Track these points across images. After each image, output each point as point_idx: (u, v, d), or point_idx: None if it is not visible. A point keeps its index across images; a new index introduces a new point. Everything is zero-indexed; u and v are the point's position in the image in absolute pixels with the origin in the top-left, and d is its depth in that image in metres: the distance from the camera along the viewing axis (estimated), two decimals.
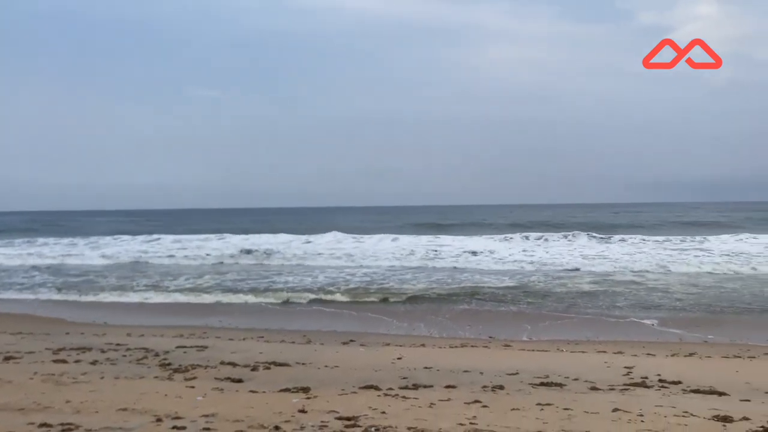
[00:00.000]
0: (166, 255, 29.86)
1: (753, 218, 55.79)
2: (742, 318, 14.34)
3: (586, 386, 7.47)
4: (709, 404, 6.42)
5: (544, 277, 21.24)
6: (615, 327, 13.47)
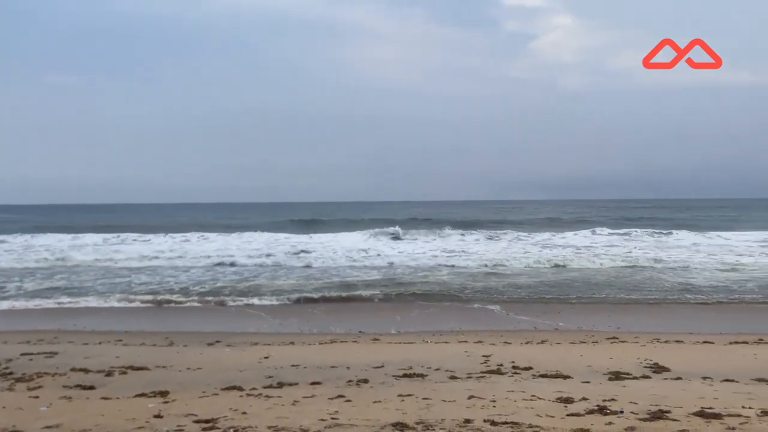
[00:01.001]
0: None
1: (610, 216, 60.98)
2: (589, 307, 15.62)
3: (446, 375, 7.79)
4: (555, 387, 6.92)
5: (410, 270, 22.02)
6: (473, 316, 14.27)
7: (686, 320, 13.56)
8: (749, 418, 5.42)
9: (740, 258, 24.41)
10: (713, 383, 7.22)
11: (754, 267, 21.90)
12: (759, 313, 14.65)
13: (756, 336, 11.26)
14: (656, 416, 5.48)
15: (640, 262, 23.40)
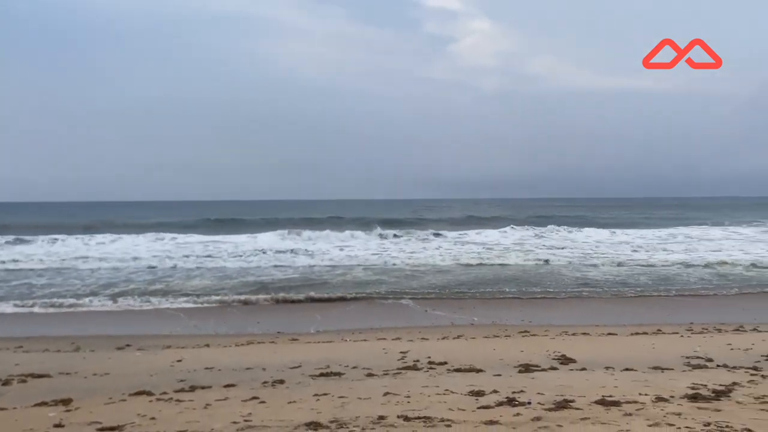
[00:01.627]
0: None
1: (524, 214, 63.08)
2: (503, 302, 16.12)
3: (363, 373, 7.82)
4: (468, 381, 7.10)
5: (328, 268, 22.03)
6: (393, 313, 14.41)
7: (593, 313, 14.27)
8: (644, 404, 5.76)
9: (635, 254, 25.95)
10: (615, 372, 7.61)
11: (651, 262, 23.31)
12: (657, 305, 15.56)
13: (655, 326, 11.99)
14: (561, 406, 5.73)
15: (553, 258, 24.36)
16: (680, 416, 5.22)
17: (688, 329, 11.69)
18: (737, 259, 23.42)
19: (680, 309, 14.76)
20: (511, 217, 56.61)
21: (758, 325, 12.11)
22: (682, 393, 6.19)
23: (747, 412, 5.38)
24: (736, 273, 20.56)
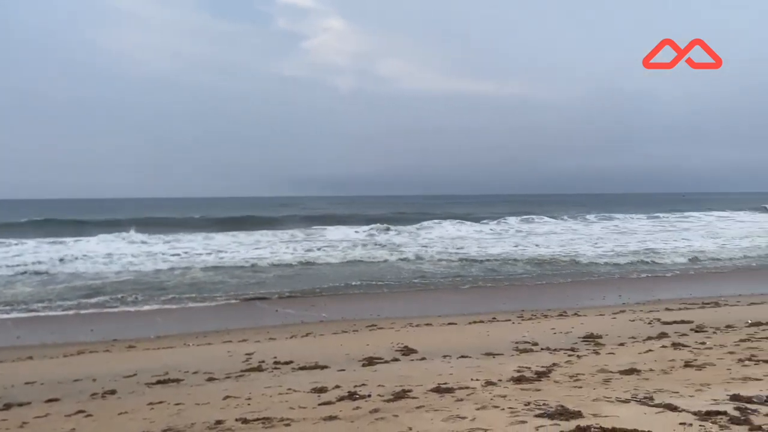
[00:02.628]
0: None
1: (381, 212, 64.36)
2: (353, 297, 16.38)
3: (203, 378, 7.55)
4: (312, 378, 7.11)
5: (168, 270, 21.08)
6: (241, 314, 14.09)
7: (436, 304, 14.96)
8: (475, 389, 6.12)
9: (473, 247, 27.67)
10: (451, 360, 8.02)
11: (486, 254, 24.95)
12: (491, 295, 16.64)
13: (490, 315, 12.80)
14: (399, 396, 5.93)
15: (405, 254, 25.16)
16: (505, 398, 5.61)
17: (519, 316, 12.61)
18: (556, 252, 25.76)
19: (513, 297, 15.90)
20: (364, 214, 57.69)
21: (579, 310, 13.37)
22: (509, 376, 6.67)
23: (562, 390, 5.91)
24: (562, 264, 22.62)
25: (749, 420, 4.39)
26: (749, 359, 7.01)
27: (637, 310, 12.82)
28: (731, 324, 10.31)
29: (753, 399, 4.98)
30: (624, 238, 31.94)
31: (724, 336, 9.09)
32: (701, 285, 17.53)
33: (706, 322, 10.59)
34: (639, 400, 5.25)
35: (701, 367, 6.73)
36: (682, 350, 7.98)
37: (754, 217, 50.58)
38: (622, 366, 6.96)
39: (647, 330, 10.13)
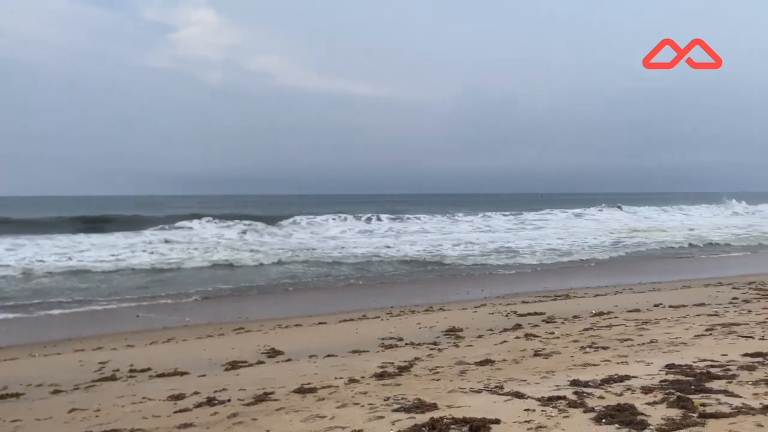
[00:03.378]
0: None
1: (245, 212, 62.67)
2: (222, 300, 15.89)
3: (48, 391, 6.98)
4: (170, 385, 6.80)
5: (6, 277, 19.25)
6: (97, 320, 13.17)
7: (307, 304, 14.89)
8: (338, 387, 6.16)
9: (340, 248, 27.95)
10: (317, 360, 8.02)
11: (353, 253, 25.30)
12: (363, 293, 16.84)
13: (361, 312, 12.94)
14: (260, 399, 5.82)
15: (275, 253, 24.78)
16: (366, 394, 5.69)
17: (389, 313, 12.86)
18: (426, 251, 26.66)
19: (385, 294, 16.20)
20: (233, 213, 56.12)
21: (444, 305, 13.86)
22: (372, 372, 6.78)
23: (421, 383, 6.10)
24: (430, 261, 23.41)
25: (584, 403, 4.77)
26: (590, 346, 7.64)
27: (497, 304, 13.53)
28: (578, 314, 11.19)
29: (589, 383, 5.42)
30: (487, 236, 33.63)
31: (571, 326, 9.84)
32: (555, 279, 18.85)
33: (557, 314, 11.42)
34: (491, 389, 5.54)
35: (548, 356, 7.23)
36: (533, 340, 8.53)
37: (611, 214, 54.66)
38: (478, 357, 7.31)
39: (504, 322, 10.73)
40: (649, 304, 11.99)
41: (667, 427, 4.05)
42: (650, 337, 7.96)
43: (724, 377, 5.28)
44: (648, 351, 6.99)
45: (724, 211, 59.53)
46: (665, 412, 4.35)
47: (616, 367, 6.12)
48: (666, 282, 16.89)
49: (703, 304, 11.68)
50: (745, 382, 5.05)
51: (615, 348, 7.38)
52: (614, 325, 9.46)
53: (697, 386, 5.01)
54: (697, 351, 6.65)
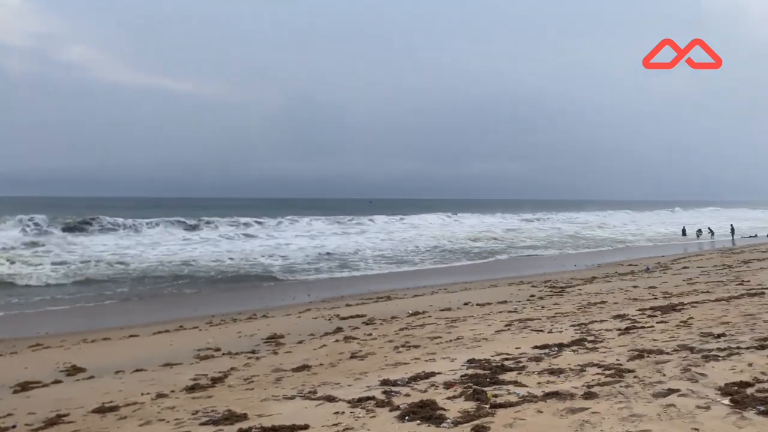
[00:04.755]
0: None
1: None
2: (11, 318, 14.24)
3: None
4: None
5: None
6: None
7: (118, 315, 13.89)
8: (144, 403, 5.78)
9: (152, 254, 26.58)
10: (124, 376, 7.48)
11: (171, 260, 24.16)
12: (183, 302, 16.08)
13: (178, 323, 12.31)
14: (52, 422, 5.29)
15: (73, 261, 22.74)
16: (173, 409, 5.41)
17: (209, 323, 12.38)
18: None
19: (209, 303, 15.60)
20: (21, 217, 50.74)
21: (268, 311, 13.69)
22: (183, 386, 6.47)
23: (234, 394, 5.94)
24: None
25: (391, 402, 4.95)
26: (403, 346, 7.98)
27: (322, 308, 13.66)
28: (396, 315, 11.66)
29: (397, 382, 5.65)
30: (314, 241, 33.73)
31: (389, 326, 10.22)
32: (379, 281, 19.50)
33: (377, 315, 11.80)
34: (304, 395, 5.54)
35: (364, 357, 7.42)
36: (351, 343, 8.72)
37: (437, 220, 57.27)
38: (296, 363, 7.30)
39: (326, 326, 10.85)
40: (460, 303, 12.86)
41: (463, 419, 4.34)
42: (457, 334, 8.51)
43: (515, 369, 5.79)
44: (454, 348, 7.47)
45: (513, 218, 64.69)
46: (462, 405, 4.66)
47: (424, 365, 6.44)
48: (476, 281, 18.24)
49: (505, 301, 12.78)
50: (532, 372, 5.58)
51: (425, 346, 7.78)
52: (427, 324, 9.99)
53: (492, 379, 5.44)
54: (496, 346, 7.23)
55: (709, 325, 7.25)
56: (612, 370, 5.31)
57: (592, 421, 3.98)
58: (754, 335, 6.27)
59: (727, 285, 12.41)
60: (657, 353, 5.83)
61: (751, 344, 5.80)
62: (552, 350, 6.60)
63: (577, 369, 5.49)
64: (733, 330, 6.75)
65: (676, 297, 10.92)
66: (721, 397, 4.26)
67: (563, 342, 6.97)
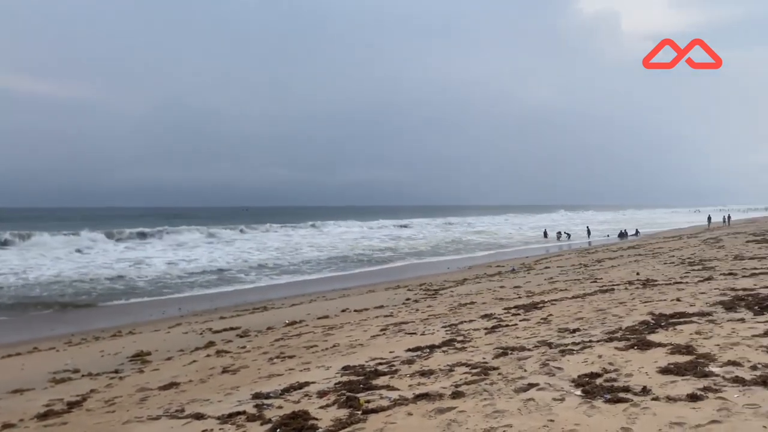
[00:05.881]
0: None
1: None
2: None
3: None
4: None
5: None
6: None
7: None
8: None
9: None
10: None
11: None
12: (37, 323, 14.73)
13: (31, 345, 11.27)
14: None
15: None
16: None
17: (67, 342, 11.47)
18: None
19: (69, 321, 14.41)
20: None
21: (135, 327, 12.91)
22: (35, 413, 5.93)
23: (93, 418, 5.53)
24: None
25: (263, 415, 4.83)
26: (278, 357, 7.84)
27: (193, 322, 13.11)
28: (272, 326, 11.44)
29: (270, 394, 5.53)
30: (185, 252, 32.31)
31: (264, 338, 10.01)
32: (257, 292, 19.06)
33: (252, 327, 11.51)
34: (170, 414, 5.27)
35: (236, 371, 7.21)
36: (224, 356, 8.44)
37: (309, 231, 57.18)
38: (163, 381, 6.94)
39: (197, 341, 10.42)
40: (338, 310, 12.88)
41: (335, 427, 4.33)
42: (334, 342, 8.51)
43: (388, 373, 5.87)
44: (330, 355, 7.45)
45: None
46: (335, 414, 4.64)
47: (299, 375, 6.37)
48: (355, 287, 18.38)
49: (382, 306, 12.97)
50: (405, 375, 5.69)
51: (301, 356, 7.71)
52: (304, 333, 9.90)
53: (365, 384, 5.47)
54: (371, 351, 7.30)
55: (566, 321, 7.78)
56: (479, 368, 5.54)
57: (458, 420, 4.11)
58: (604, 329, 6.81)
59: (583, 283, 13.41)
60: (519, 350, 6.16)
61: (602, 337, 6.29)
62: (424, 352, 6.77)
63: (446, 369, 5.66)
64: (586, 325, 7.28)
65: (538, 296, 11.62)
66: (575, 388, 4.57)
67: (435, 343, 7.17)
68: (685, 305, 7.83)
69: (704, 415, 3.71)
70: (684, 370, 4.74)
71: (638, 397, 4.20)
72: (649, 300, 8.80)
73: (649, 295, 9.48)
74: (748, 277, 10.81)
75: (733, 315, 6.81)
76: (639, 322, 6.90)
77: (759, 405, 3.77)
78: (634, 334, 6.26)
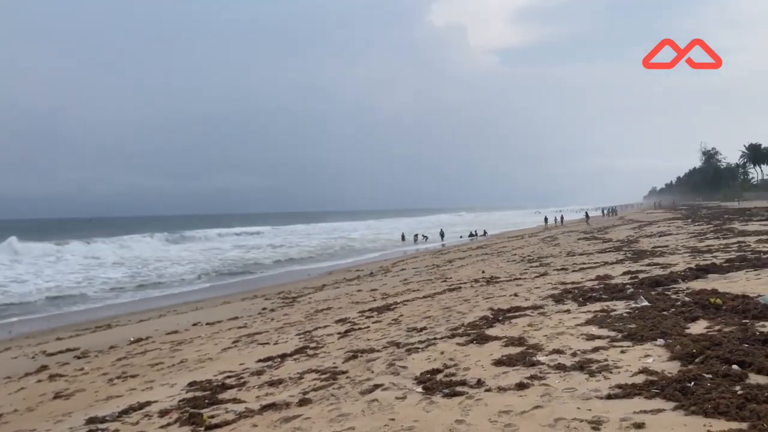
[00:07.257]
0: None
1: None
2: None
3: None
4: None
5: None
6: None
7: None
8: None
9: None
10: None
11: None
12: None
13: None
14: None
15: None
16: None
17: None
18: None
19: None
20: None
21: None
22: None
23: None
24: None
25: None
26: (119, 377, 7.36)
27: (25, 345, 11.92)
28: (115, 344, 10.70)
29: (106, 418, 5.16)
30: (21, 268, 29.39)
31: (105, 357, 9.34)
32: (103, 310, 17.70)
33: (93, 347, 10.69)
34: None
35: (71, 396, 6.66)
36: (57, 381, 7.77)
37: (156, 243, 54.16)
38: None
39: (28, 365, 9.48)
40: (189, 324, 12.34)
41: None
42: (182, 357, 8.15)
43: (236, 386, 5.72)
44: (176, 372, 7.12)
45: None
46: None
47: (140, 395, 6.02)
48: (208, 299, 17.72)
49: (236, 317, 12.62)
50: (253, 386, 5.57)
51: (145, 374, 7.29)
52: (149, 350, 9.38)
53: (211, 399, 5.28)
54: (221, 364, 7.08)
55: (415, 321, 8.06)
56: (328, 374, 5.56)
57: (303, 427, 4.10)
58: (448, 326, 7.14)
59: (434, 282, 13.98)
60: (369, 352, 6.27)
61: (445, 334, 6.58)
62: (275, 362, 6.68)
63: (296, 377, 5.62)
64: (433, 323, 7.59)
65: (392, 297, 11.94)
66: (416, 385, 4.74)
67: (287, 352, 7.11)
68: (521, 300, 8.43)
69: (529, 401, 4.00)
70: (515, 360, 5.09)
71: (473, 389, 4.44)
72: (490, 296, 9.37)
73: (491, 291, 10.10)
74: (577, 271, 11.88)
75: (561, 307, 7.44)
76: (480, 318, 7.32)
77: (575, 388, 4.13)
78: (475, 329, 6.62)
